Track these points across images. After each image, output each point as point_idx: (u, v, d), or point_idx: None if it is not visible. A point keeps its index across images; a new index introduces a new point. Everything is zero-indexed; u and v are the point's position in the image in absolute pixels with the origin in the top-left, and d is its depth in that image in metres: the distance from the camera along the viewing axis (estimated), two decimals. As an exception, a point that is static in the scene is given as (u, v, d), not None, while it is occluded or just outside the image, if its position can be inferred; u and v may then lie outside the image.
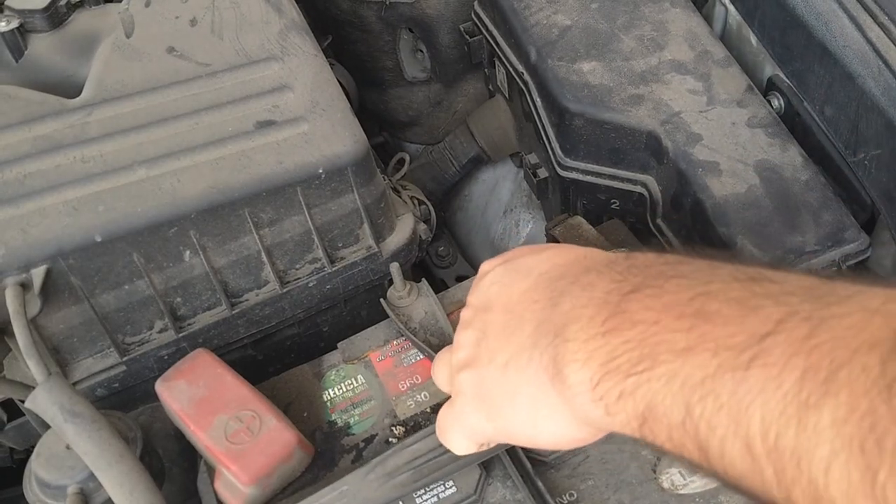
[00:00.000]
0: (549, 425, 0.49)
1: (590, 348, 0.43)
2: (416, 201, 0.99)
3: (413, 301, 0.73)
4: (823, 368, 0.33)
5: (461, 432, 0.57)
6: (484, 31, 1.06)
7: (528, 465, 0.61)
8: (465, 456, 0.59)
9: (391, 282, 0.74)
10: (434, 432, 0.60)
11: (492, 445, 0.58)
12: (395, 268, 0.74)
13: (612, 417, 0.43)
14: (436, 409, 0.67)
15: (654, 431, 0.41)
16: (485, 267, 0.58)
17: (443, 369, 0.60)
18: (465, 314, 0.56)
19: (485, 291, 0.55)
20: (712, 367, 0.37)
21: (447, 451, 0.59)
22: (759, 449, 0.35)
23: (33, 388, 0.61)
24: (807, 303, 0.37)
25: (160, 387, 0.64)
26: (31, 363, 0.63)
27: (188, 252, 0.72)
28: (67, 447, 0.60)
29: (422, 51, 1.23)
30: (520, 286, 0.52)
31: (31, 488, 0.62)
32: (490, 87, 1.14)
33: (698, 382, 0.38)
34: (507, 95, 1.09)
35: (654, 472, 0.61)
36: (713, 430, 0.37)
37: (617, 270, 0.46)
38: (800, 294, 0.38)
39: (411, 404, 0.68)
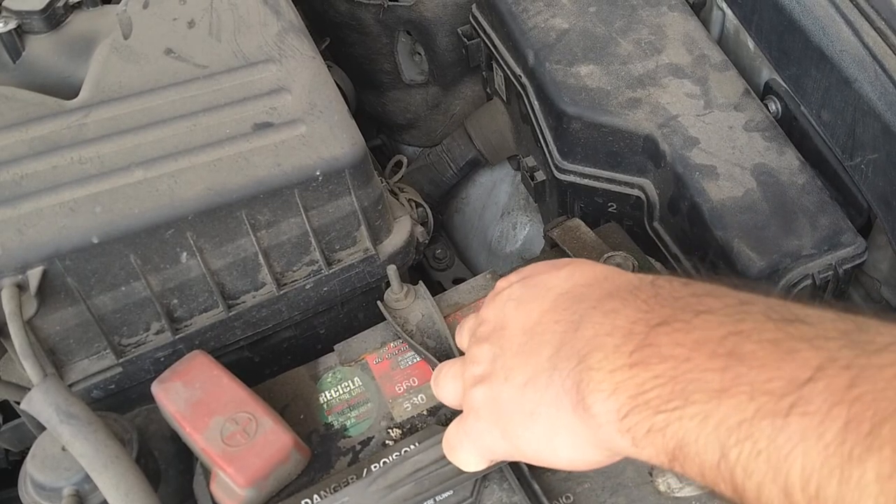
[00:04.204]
0: (567, 447, 0.48)
1: (616, 379, 0.43)
2: (413, 204, 0.99)
3: (410, 304, 0.73)
4: (866, 421, 0.33)
5: (473, 450, 0.56)
6: (482, 34, 1.06)
7: (525, 468, 0.61)
8: None
9: (388, 284, 0.74)
10: (436, 444, 0.60)
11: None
12: (392, 270, 0.74)
13: (639, 449, 0.43)
14: (432, 411, 0.67)
15: (684, 467, 0.41)
16: (501, 283, 0.57)
17: (451, 383, 0.59)
18: (481, 329, 0.56)
19: (501, 308, 0.54)
20: (750, 412, 0.37)
21: (449, 462, 0.59)
22: (798, 497, 0.35)
23: (29, 389, 0.60)
24: (845, 349, 0.37)
25: (156, 388, 0.64)
26: (27, 365, 0.63)
27: (185, 254, 0.72)
28: (63, 449, 0.60)
29: (420, 53, 1.23)
30: (539, 305, 0.51)
31: (26, 490, 0.62)
32: (488, 89, 1.15)
33: (735, 426, 0.38)
34: (504, 98, 1.09)
35: (651, 475, 0.61)
36: (750, 475, 0.37)
37: (642, 299, 0.46)
38: (836, 338, 0.37)
39: (408, 406, 0.68)
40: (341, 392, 0.69)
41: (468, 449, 0.57)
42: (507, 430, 0.52)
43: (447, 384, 0.59)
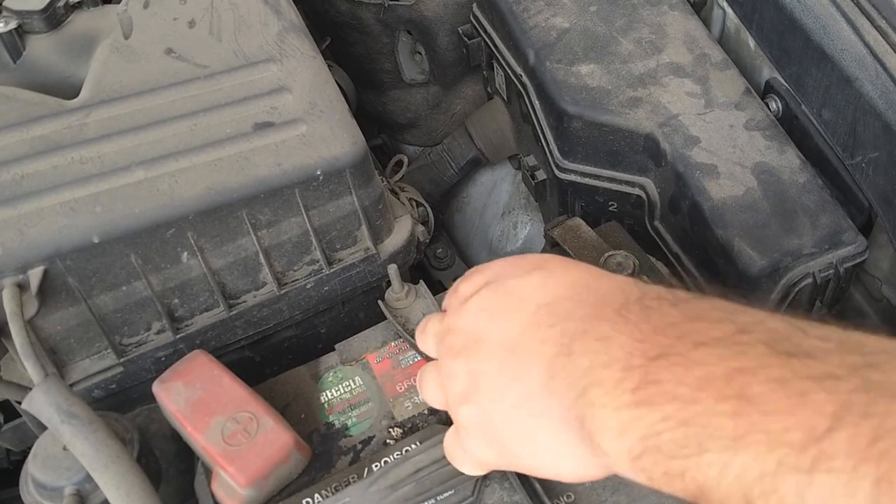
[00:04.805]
0: (573, 467, 0.48)
1: (623, 418, 0.42)
2: (414, 203, 0.99)
3: (411, 303, 0.73)
4: None
5: (470, 462, 0.57)
6: (482, 34, 1.06)
7: (526, 467, 0.61)
8: None
9: (389, 283, 0.74)
10: (437, 443, 0.61)
11: None
12: (393, 269, 0.74)
13: (657, 486, 0.42)
14: (434, 410, 0.67)
15: None
16: (466, 289, 0.54)
17: (433, 390, 0.57)
18: (451, 340, 0.53)
19: (473, 318, 0.52)
20: (771, 465, 0.36)
21: (450, 462, 0.59)
22: None
23: (30, 389, 0.60)
24: (859, 392, 0.36)
25: (157, 388, 0.64)
26: (28, 364, 0.63)
27: (186, 253, 0.72)
28: (64, 448, 0.60)
29: (420, 53, 1.23)
30: (517, 319, 0.49)
31: (27, 490, 0.62)
32: (488, 89, 1.15)
33: (757, 478, 0.37)
34: (505, 97, 1.09)
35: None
36: None
37: (633, 322, 0.44)
38: (847, 377, 0.36)
39: (409, 406, 0.68)
40: (342, 391, 0.69)
41: (466, 462, 0.57)
42: (503, 449, 0.51)
43: (429, 391, 0.58)
